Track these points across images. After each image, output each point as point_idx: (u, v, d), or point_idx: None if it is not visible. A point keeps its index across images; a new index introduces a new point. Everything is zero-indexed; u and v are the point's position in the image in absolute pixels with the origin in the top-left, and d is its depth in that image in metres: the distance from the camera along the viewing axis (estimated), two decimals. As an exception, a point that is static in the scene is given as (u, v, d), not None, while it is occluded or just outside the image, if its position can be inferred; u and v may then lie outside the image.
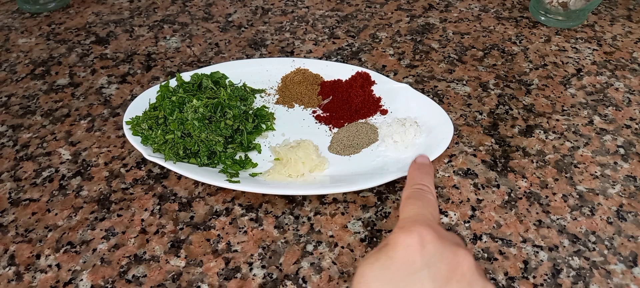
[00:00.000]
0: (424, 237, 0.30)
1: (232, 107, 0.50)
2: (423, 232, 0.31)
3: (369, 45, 0.65)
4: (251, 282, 0.40)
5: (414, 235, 0.31)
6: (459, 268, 0.30)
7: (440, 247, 0.30)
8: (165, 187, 0.48)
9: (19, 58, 0.65)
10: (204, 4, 0.74)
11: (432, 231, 0.31)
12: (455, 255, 0.30)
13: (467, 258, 0.30)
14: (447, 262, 0.30)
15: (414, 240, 0.30)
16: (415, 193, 0.37)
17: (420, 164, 0.41)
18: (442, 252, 0.30)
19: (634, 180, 0.48)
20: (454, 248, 0.31)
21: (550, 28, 0.68)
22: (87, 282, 0.41)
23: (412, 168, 0.40)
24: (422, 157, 0.42)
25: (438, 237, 0.31)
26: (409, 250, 0.30)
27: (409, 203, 0.36)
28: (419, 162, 0.41)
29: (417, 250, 0.30)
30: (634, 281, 0.40)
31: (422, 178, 0.38)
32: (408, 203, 0.36)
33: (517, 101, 0.57)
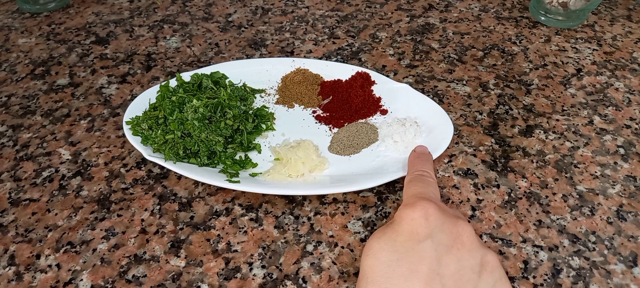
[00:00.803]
0: (427, 210, 0.33)
1: (232, 107, 0.50)
2: (426, 206, 0.33)
3: (369, 45, 0.65)
4: (251, 282, 0.40)
5: (417, 208, 0.33)
6: (459, 237, 0.32)
7: (442, 218, 0.33)
8: (165, 187, 0.48)
9: (19, 58, 0.65)
10: (204, 4, 0.74)
11: (434, 205, 0.34)
12: (455, 226, 0.33)
13: (466, 229, 0.33)
14: (448, 232, 0.32)
15: (417, 213, 0.33)
16: (417, 177, 0.40)
17: (420, 153, 0.44)
18: (443, 222, 0.33)
19: (634, 180, 0.48)
20: (455, 220, 0.33)
21: (550, 28, 0.68)
22: (87, 282, 0.41)
23: (412, 156, 0.43)
24: (421, 147, 0.45)
25: (440, 209, 0.33)
26: (414, 222, 0.33)
27: (412, 185, 0.39)
28: (418, 151, 0.44)
29: (421, 223, 0.32)
30: (634, 281, 0.40)
31: (422, 165, 0.41)
32: (410, 185, 0.39)
33: (517, 101, 0.57)
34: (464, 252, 0.32)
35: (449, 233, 0.32)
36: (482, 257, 0.32)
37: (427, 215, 0.33)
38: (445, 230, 0.32)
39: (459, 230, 0.33)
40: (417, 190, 0.37)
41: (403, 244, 0.32)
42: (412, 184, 0.39)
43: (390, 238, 0.33)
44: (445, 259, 0.31)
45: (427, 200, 0.34)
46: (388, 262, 0.31)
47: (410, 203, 0.34)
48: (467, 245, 0.32)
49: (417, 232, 0.32)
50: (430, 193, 0.37)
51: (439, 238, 0.32)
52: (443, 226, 0.32)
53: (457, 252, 0.32)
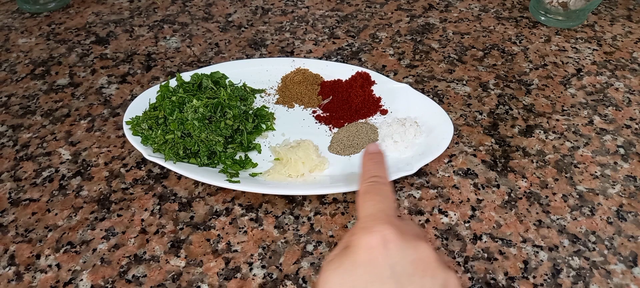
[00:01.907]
0: (385, 237, 0.31)
1: (232, 107, 0.50)
2: (385, 231, 0.31)
3: (369, 45, 0.65)
4: (251, 282, 0.40)
5: (375, 235, 0.31)
6: (421, 263, 0.30)
7: (402, 244, 0.31)
8: (165, 187, 0.48)
9: (19, 58, 0.65)
10: (204, 4, 0.74)
11: (393, 229, 0.31)
12: (416, 250, 0.31)
13: (427, 251, 0.31)
14: (409, 259, 0.30)
15: (376, 240, 0.31)
16: (371, 187, 0.37)
17: (372, 154, 0.40)
18: (404, 249, 0.31)
19: (634, 180, 0.48)
20: (415, 243, 0.31)
21: (550, 28, 0.68)
22: (87, 282, 0.41)
23: (365, 159, 0.40)
24: (373, 145, 0.41)
25: (399, 234, 0.31)
26: (372, 252, 0.30)
27: (367, 199, 0.36)
28: (370, 152, 0.41)
29: (380, 252, 0.30)
30: (634, 281, 0.40)
31: (376, 169, 0.38)
32: (366, 199, 0.36)
33: (517, 101, 0.57)
34: (427, 279, 0.30)
35: (411, 261, 0.30)
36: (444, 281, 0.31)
37: (385, 242, 0.31)
38: (407, 258, 0.30)
39: (421, 255, 0.31)
40: (375, 209, 0.35)
41: (361, 277, 0.30)
42: (367, 197, 0.36)
43: (347, 270, 0.31)
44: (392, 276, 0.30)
45: (386, 223, 0.32)
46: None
47: (367, 228, 0.32)
48: (429, 271, 0.30)
49: (376, 263, 0.30)
50: (387, 210, 0.35)
51: (400, 268, 0.30)
52: (404, 253, 0.31)
53: (420, 280, 0.30)
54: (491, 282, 0.40)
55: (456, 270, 0.41)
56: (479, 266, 0.41)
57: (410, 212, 0.45)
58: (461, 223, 0.45)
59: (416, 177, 0.48)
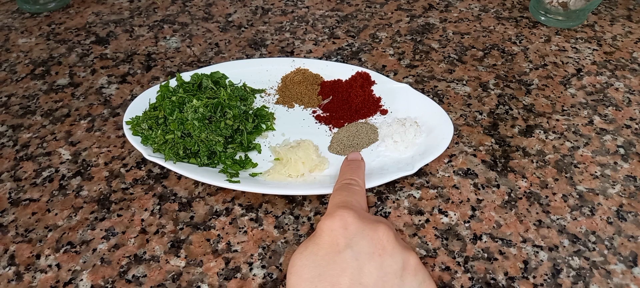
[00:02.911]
0: (345, 219, 0.33)
1: (232, 107, 0.50)
2: (345, 215, 0.33)
3: (369, 45, 0.65)
4: (251, 282, 0.40)
5: (336, 218, 0.33)
6: (380, 242, 0.32)
7: (361, 225, 0.33)
8: (165, 187, 0.48)
9: (19, 58, 0.65)
10: (204, 4, 0.74)
11: (353, 213, 0.33)
12: (375, 231, 0.32)
13: (386, 232, 0.32)
14: (368, 238, 0.32)
15: (336, 223, 0.33)
16: (343, 186, 0.39)
17: (351, 161, 0.43)
18: (363, 230, 0.32)
19: (634, 180, 0.48)
20: (375, 225, 0.33)
21: (550, 28, 0.68)
22: (87, 282, 0.41)
23: (344, 164, 0.43)
24: (353, 154, 0.45)
25: (359, 217, 0.33)
26: (333, 233, 0.32)
27: (336, 194, 0.38)
28: (350, 159, 0.44)
29: (340, 233, 0.32)
30: (634, 281, 0.40)
31: (351, 173, 0.41)
32: (335, 194, 0.38)
33: (517, 101, 0.57)
34: (386, 257, 0.31)
35: (370, 240, 0.32)
36: (403, 260, 0.32)
37: (346, 225, 0.32)
38: (366, 237, 0.32)
39: (379, 235, 0.32)
40: (340, 200, 0.37)
41: (324, 257, 0.32)
42: (336, 193, 0.38)
43: (311, 252, 0.32)
44: (367, 267, 0.31)
45: (347, 208, 0.34)
46: (310, 279, 0.31)
47: (330, 213, 0.34)
48: (388, 249, 0.32)
49: (336, 243, 0.32)
50: (353, 202, 0.36)
51: (359, 247, 0.32)
52: (363, 233, 0.32)
53: (379, 258, 0.31)
54: (491, 282, 0.40)
55: (456, 270, 0.41)
56: (479, 266, 0.41)
57: (410, 212, 0.45)
58: (461, 223, 0.45)
59: (416, 177, 0.48)
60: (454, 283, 0.40)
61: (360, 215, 0.34)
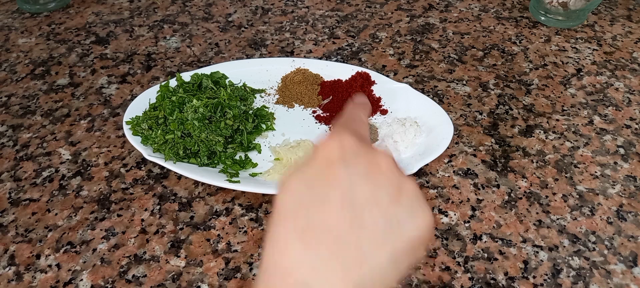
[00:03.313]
0: (342, 139, 0.30)
1: (232, 107, 0.50)
2: (342, 135, 0.31)
3: (369, 45, 0.65)
4: (251, 282, 0.40)
5: (332, 138, 0.31)
6: (377, 165, 0.30)
7: (359, 147, 0.30)
8: (165, 187, 0.48)
9: (19, 58, 0.65)
10: (204, 4, 0.74)
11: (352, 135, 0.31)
12: (374, 155, 0.30)
13: (385, 158, 0.30)
14: (364, 159, 0.30)
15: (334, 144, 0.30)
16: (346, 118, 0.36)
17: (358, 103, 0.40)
18: (360, 150, 0.30)
19: (634, 180, 0.48)
20: (374, 150, 0.31)
21: (550, 28, 0.68)
22: (87, 282, 0.41)
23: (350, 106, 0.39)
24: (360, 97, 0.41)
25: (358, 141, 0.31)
26: (327, 150, 0.30)
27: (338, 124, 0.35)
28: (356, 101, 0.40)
29: (335, 148, 0.30)
30: (634, 281, 0.40)
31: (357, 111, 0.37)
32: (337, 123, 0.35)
33: (517, 101, 0.57)
34: (381, 179, 0.29)
35: (366, 161, 0.30)
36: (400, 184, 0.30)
37: (342, 143, 0.30)
38: (361, 157, 0.30)
39: (378, 160, 0.30)
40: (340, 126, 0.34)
41: (315, 172, 0.29)
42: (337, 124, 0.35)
43: (304, 172, 0.30)
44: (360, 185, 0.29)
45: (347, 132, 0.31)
46: (299, 192, 0.29)
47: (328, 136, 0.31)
48: (385, 172, 0.30)
49: (329, 158, 0.30)
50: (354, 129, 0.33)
51: (353, 165, 0.29)
52: (359, 152, 0.30)
53: (373, 178, 0.29)
54: (491, 282, 0.40)
55: (456, 270, 0.41)
56: (479, 266, 0.41)
57: (410, 212, 0.45)
58: (461, 223, 0.45)
59: (416, 177, 0.48)
60: (454, 283, 0.40)
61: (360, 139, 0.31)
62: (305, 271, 0.26)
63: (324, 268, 0.26)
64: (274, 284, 0.27)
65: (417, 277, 0.41)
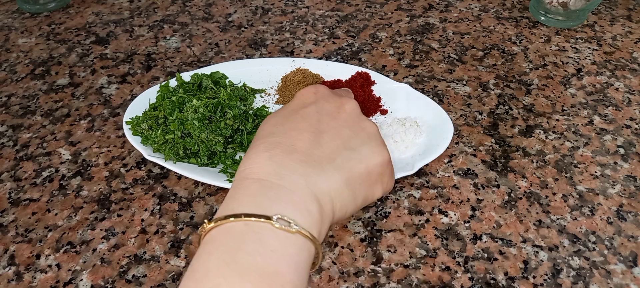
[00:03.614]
0: (317, 88, 0.38)
1: (232, 107, 0.50)
2: (319, 86, 0.38)
3: (369, 45, 0.65)
4: (251, 282, 0.40)
5: (310, 88, 0.38)
6: (343, 107, 0.36)
7: (330, 93, 0.37)
8: (165, 187, 0.48)
9: (19, 58, 0.65)
10: (204, 4, 0.74)
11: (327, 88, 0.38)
12: (341, 100, 0.37)
13: (351, 103, 0.36)
14: (334, 103, 0.36)
15: (309, 90, 0.38)
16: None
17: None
18: (330, 95, 0.37)
19: (634, 180, 0.48)
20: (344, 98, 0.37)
21: (550, 28, 0.68)
22: (87, 282, 0.41)
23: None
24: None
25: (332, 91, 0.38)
26: (303, 95, 0.37)
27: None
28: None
29: (309, 95, 0.37)
30: (634, 281, 0.40)
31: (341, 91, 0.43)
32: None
33: (517, 101, 0.57)
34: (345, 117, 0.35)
35: (334, 104, 0.36)
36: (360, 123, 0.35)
37: (317, 90, 0.37)
38: (331, 101, 0.36)
39: (345, 105, 0.36)
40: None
41: (291, 109, 0.36)
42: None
43: (283, 108, 0.37)
44: (326, 120, 0.34)
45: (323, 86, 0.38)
46: (275, 123, 0.35)
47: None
48: (349, 113, 0.36)
49: (304, 102, 0.36)
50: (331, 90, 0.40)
51: (322, 105, 0.35)
52: (330, 98, 0.36)
53: (338, 116, 0.35)
54: (491, 282, 0.40)
55: (456, 270, 0.41)
56: (479, 266, 0.41)
57: (410, 212, 0.45)
58: (461, 223, 0.45)
59: (416, 177, 0.48)
60: (454, 283, 0.40)
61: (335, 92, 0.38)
62: (271, 175, 0.30)
63: (288, 175, 0.30)
64: (240, 181, 0.30)
65: (417, 277, 0.41)
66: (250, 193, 0.29)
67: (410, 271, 0.41)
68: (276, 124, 0.35)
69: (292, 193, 0.29)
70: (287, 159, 0.31)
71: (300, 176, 0.30)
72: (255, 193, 0.29)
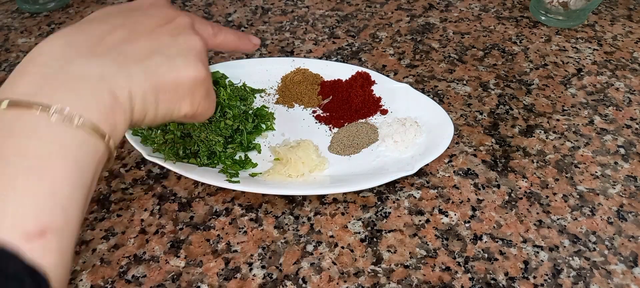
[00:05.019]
0: (157, 0, 0.35)
1: (232, 107, 0.50)
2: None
3: (369, 45, 0.65)
4: (251, 282, 0.40)
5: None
6: (175, 19, 0.33)
7: (168, 6, 0.34)
8: (165, 187, 0.48)
9: (19, 58, 0.64)
10: (204, 4, 0.74)
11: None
12: (176, 12, 0.34)
13: (185, 18, 0.34)
14: (166, 13, 0.33)
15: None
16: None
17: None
18: (167, 6, 0.34)
19: (634, 180, 0.48)
20: (180, 11, 0.34)
21: (550, 28, 0.68)
22: (87, 282, 0.41)
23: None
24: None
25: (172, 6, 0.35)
26: (137, 1, 0.35)
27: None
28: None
29: (147, 3, 0.34)
30: (635, 281, 0.40)
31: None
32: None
33: (517, 101, 0.57)
34: (171, 26, 0.33)
35: (166, 13, 0.33)
36: (186, 36, 0.33)
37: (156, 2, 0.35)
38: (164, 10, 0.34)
39: (178, 15, 0.34)
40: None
41: (125, 6, 0.34)
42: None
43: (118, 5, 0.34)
44: (148, 23, 0.32)
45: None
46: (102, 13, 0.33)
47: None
48: (178, 23, 0.33)
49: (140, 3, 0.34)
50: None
51: (152, 11, 0.33)
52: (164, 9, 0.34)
53: (164, 24, 0.33)
54: (491, 282, 0.40)
55: (456, 270, 0.41)
56: (479, 266, 0.41)
57: (411, 212, 0.45)
58: (461, 223, 0.45)
59: (416, 177, 0.48)
60: (454, 284, 0.40)
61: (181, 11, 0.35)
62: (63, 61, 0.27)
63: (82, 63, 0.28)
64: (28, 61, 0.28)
65: (417, 277, 0.41)
66: (31, 78, 0.26)
67: (410, 271, 0.41)
68: (102, 14, 0.33)
69: (82, 83, 0.27)
70: (87, 48, 0.29)
71: (96, 67, 0.28)
72: (36, 79, 0.26)
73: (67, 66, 0.27)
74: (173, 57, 0.31)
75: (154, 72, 0.30)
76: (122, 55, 0.29)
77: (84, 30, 0.30)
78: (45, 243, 0.22)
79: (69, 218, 0.24)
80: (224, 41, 0.38)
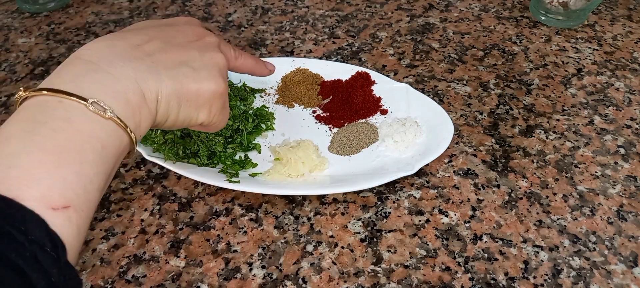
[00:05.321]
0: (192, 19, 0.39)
1: (232, 107, 0.50)
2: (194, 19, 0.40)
3: (369, 45, 0.65)
4: (251, 282, 0.40)
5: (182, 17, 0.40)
6: (203, 37, 0.37)
7: (200, 26, 0.39)
8: (165, 187, 0.48)
9: (19, 58, 0.64)
10: (204, 4, 0.74)
11: (201, 23, 0.40)
12: (206, 32, 0.38)
13: (212, 37, 0.38)
14: (197, 31, 0.37)
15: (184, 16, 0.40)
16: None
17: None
18: (199, 26, 0.38)
19: (634, 180, 0.48)
20: (208, 32, 0.38)
21: (550, 28, 0.68)
22: (87, 282, 0.41)
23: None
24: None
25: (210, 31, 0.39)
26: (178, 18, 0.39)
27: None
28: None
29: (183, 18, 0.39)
30: (635, 281, 0.40)
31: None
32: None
33: (517, 101, 0.57)
34: (199, 43, 0.36)
35: (196, 31, 0.37)
36: (211, 53, 0.36)
37: (190, 19, 0.40)
38: (194, 29, 0.38)
39: (206, 35, 0.38)
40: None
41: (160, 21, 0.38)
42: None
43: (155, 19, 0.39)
44: (180, 38, 0.36)
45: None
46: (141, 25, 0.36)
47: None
48: (205, 41, 0.37)
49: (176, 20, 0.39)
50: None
51: (185, 28, 0.37)
52: (196, 27, 0.38)
53: (194, 40, 0.36)
54: (491, 282, 0.40)
55: (456, 270, 0.41)
56: (479, 266, 0.41)
57: (411, 212, 0.45)
58: (461, 223, 0.45)
59: (416, 177, 0.48)
60: (454, 284, 0.40)
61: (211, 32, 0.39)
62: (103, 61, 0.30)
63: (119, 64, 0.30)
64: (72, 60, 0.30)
65: (417, 277, 0.41)
66: (74, 72, 0.29)
67: (410, 271, 0.41)
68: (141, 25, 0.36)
69: (117, 81, 0.30)
70: (126, 52, 0.32)
71: (132, 69, 0.31)
72: (79, 73, 0.29)
73: (106, 65, 0.30)
74: (198, 69, 0.34)
75: (180, 80, 0.33)
76: (155, 62, 0.32)
77: (125, 37, 0.33)
78: (66, 217, 0.25)
79: (89, 199, 0.26)
80: (243, 64, 0.43)
